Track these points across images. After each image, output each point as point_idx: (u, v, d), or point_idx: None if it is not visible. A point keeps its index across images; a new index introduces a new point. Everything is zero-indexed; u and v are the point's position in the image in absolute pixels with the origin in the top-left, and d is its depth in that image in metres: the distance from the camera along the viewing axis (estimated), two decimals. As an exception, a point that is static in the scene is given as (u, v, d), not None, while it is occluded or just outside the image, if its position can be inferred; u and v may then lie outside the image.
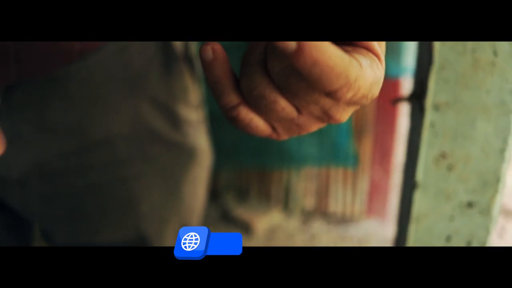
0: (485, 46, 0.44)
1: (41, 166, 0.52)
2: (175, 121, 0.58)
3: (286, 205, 1.70)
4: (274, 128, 0.34)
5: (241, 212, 1.67)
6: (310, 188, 1.67)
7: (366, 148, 1.56)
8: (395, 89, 1.44)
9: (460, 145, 0.48)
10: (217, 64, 0.32)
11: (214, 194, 1.73)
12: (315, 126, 0.34)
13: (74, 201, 0.55)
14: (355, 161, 1.55)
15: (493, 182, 0.49)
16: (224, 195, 1.74)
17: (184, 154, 0.59)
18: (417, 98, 0.47)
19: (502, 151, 0.48)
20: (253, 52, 0.35)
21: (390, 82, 1.41)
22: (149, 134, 0.55)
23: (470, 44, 0.44)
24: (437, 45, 0.44)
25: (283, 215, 1.70)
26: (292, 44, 0.27)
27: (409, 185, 0.52)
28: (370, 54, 0.33)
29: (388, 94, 1.39)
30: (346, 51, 0.32)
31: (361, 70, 0.30)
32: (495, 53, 0.45)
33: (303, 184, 1.66)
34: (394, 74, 1.40)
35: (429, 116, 0.47)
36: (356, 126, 1.53)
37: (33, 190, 0.53)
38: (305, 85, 0.32)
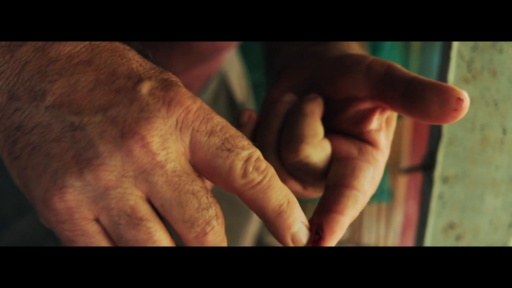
0: (494, 124, 0.45)
1: None
2: None
3: (319, 234, 1.70)
4: None
5: (274, 239, 1.68)
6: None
7: (401, 183, 1.55)
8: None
9: (469, 217, 0.49)
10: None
11: (249, 219, 1.75)
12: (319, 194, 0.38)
13: None
14: (390, 196, 1.54)
15: (501, 254, 0.49)
16: (259, 222, 1.76)
17: None
18: (427, 169, 0.48)
19: (510, 225, 0.48)
20: (268, 130, 0.38)
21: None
22: None
23: (479, 121, 0.45)
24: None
25: (316, 243, 1.70)
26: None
27: (419, 250, 0.53)
28: (374, 152, 0.36)
29: (421, 129, 1.39)
30: (352, 155, 0.35)
31: (364, 198, 0.33)
32: (504, 131, 0.45)
33: (337, 214, 1.66)
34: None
35: (438, 187, 0.48)
36: (391, 162, 1.53)
37: None
38: (312, 178, 0.35)
